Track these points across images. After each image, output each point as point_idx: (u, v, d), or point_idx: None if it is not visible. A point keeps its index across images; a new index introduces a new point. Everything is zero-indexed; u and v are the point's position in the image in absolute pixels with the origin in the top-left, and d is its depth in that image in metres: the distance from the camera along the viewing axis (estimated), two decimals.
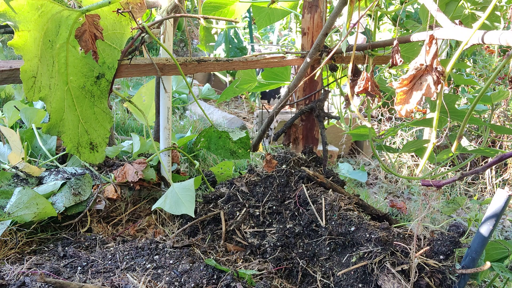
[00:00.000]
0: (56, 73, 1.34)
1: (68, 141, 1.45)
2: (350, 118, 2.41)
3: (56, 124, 1.38)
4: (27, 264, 1.41)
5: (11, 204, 1.61)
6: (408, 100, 1.29)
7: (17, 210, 1.60)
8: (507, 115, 3.63)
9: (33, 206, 1.61)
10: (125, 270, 1.43)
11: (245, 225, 1.76)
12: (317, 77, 2.12)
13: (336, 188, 1.84)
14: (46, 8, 1.20)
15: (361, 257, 1.43)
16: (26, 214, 1.61)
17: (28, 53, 1.19)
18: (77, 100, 1.42)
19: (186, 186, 1.65)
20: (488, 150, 1.81)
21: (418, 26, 2.14)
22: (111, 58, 1.46)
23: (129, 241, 1.70)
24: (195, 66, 1.78)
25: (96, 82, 1.45)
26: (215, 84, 5.96)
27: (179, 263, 1.47)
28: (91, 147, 1.50)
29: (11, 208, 1.60)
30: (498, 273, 1.45)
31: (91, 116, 1.48)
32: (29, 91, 1.23)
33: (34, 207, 1.61)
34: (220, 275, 1.41)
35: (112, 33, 1.42)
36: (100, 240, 1.71)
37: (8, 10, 1.12)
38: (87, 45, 1.31)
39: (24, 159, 2.10)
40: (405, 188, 3.31)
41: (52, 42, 1.28)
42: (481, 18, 1.17)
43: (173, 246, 1.59)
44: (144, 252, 1.54)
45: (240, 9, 2.31)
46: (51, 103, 1.34)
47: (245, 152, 2.04)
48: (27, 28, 1.17)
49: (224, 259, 1.57)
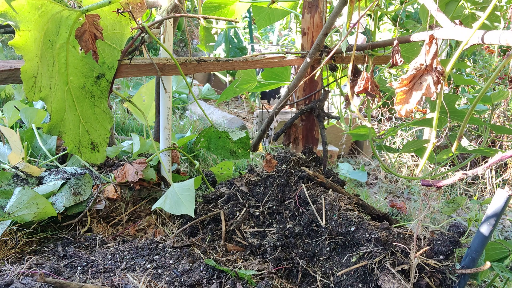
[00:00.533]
0: (57, 73, 1.34)
1: (69, 141, 1.45)
2: (350, 118, 2.41)
3: (57, 124, 1.38)
4: (27, 264, 1.41)
5: (11, 204, 1.61)
6: (408, 100, 1.29)
7: (17, 210, 1.60)
8: (507, 115, 3.63)
9: (33, 206, 1.61)
10: (125, 270, 1.44)
11: (245, 225, 1.76)
12: (317, 77, 2.12)
13: (336, 188, 1.84)
14: (46, 8, 1.20)
15: (361, 257, 1.43)
16: (26, 214, 1.61)
17: (29, 53, 1.19)
18: (77, 100, 1.42)
19: (186, 186, 1.65)
20: (488, 150, 1.81)
21: (418, 26, 2.14)
22: (111, 58, 1.46)
23: (129, 241, 1.70)
24: (195, 66, 1.78)
25: (96, 82, 1.45)
26: (215, 84, 5.96)
27: (179, 263, 1.47)
28: (92, 147, 1.50)
29: (11, 208, 1.60)
30: (498, 273, 1.45)
31: (92, 116, 1.48)
32: (30, 91, 1.23)
33: (34, 207, 1.61)
34: (220, 275, 1.41)
35: (112, 33, 1.42)
36: (100, 240, 1.71)
37: (9, 10, 1.12)
38: (87, 45, 1.31)
39: (24, 159, 2.10)
40: (405, 188, 3.31)
41: (52, 42, 1.28)
42: (481, 18, 1.17)
43: (173, 246, 1.59)
44: (144, 252, 1.54)
45: (240, 9, 2.31)
46: (51, 103, 1.34)
47: (245, 152, 2.04)
48: (28, 28, 1.17)
49: (224, 259, 1.57)
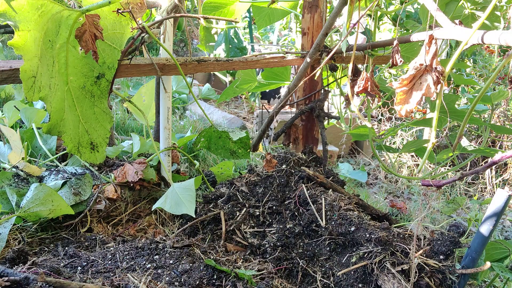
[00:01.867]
0: (56, 73, 1.33)
1: (68, 141, 1.45)
2: (350, 118, 2.41)
3: (56, 124, 1.38)
4: (27, 264, 1.41)
5: (28, 200, 1.60)
6: (408, 100, 1.29)
7: (33, 206, 1.59)
8: (507, 115, 3.63)
9: (49, 203, 1.60)
10: (126, 270, 1.44)
11: (245, 225, 1.76)
12: (317, 77, 2.12)
13: (336, 188, 1.84)
14: (46, 8, 1.20)
15: (361, 257, 1.43)
16: (42, 210, 1.60)
17: (28, 53, 1.19)
18: (77, 100, 1.42)
19: (187, 186, 1.65)
20: (488, 150, 1.81)
21: (418, 26, 2.14)
22: (111, 58, 1.46)
23: (129, 241, 1.70)
24: (195, 66, 1.78)
25: (96, 82, 1.45)
26: (215, 84, 5.96)
27: (179, 263, 1.47)
28: (92, 147, 1.50)
29: (28, 204, 1.59)
30: (498, 273, 1.45)
31: (91, 116, 1.48)
32: (29, 91, 1.23)
33: (49, 204, 1.60)
34: (220, 275, 1.41)
35: (112, 33, 1.42)
36: (100, 240, 1.71)
37: (8, 9, 1.12)
38: (88, 45, 1.31)
39: (24, 159, 2.10)
40: (405, 188, 3.31)
41: (52, 42, 1.28)
42: (481, 18, 1.17)
43: (173, 246, 1.59)
44: (144, 252, 1.54)
45: (240, 9, 2.31)
46: (51, 103, 1.34)
47: (245, 152, 2.04)
48: (27, 28, 1.17)
49: (224, 259, 1.57)
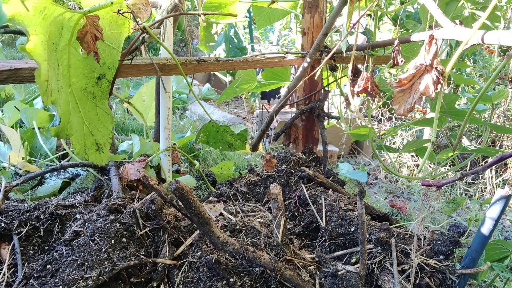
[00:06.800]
0: (61, 75, 1.33)
1: (76, 143, 1.42)
2: (350, 118, 2.41)
3: (64, 127, 1.35)
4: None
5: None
6: (407, 99, 1.29)
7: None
8: (507, 114, 3.63)
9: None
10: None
11: None
12: (317, 77, 2.12)
13: (336, 188, 1.84)
14: (49, 10, 1.19)
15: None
16: None
17: (39, 57, 1.17)
18: (80, 102, 1.42)
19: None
20: (488, 150, 1.81)
21: (418, 26, 2.14)
22: (111, 58, 1.45)
23: None
24: (195, 66, 1.78)
25: (97, 83, 1.45)
26: (215, 84, 5.96)
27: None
28: (97, 148, 1.49)
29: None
30: (498, 273, 1.45)
31: (94, 117, 1.47)
32: (44, 95, 1.20)
33: None
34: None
35: (110, 33, 1.42)
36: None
37: (16, 14, 1.11)
38: (89, 46, 1.30)
39: (24, 158, 2.10)
40: (405, 188, 3.31)
41: (56, 44, 1.27)
42: (481, 18, 1.17)
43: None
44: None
45: (240, 9, 2.31)
46: (60, 106, 1.32)
47: (242, 144, 2.06)
48: (35, 31, 1.15)
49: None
